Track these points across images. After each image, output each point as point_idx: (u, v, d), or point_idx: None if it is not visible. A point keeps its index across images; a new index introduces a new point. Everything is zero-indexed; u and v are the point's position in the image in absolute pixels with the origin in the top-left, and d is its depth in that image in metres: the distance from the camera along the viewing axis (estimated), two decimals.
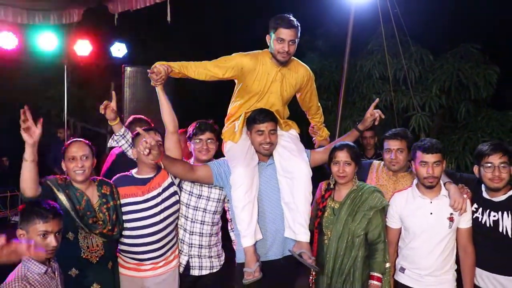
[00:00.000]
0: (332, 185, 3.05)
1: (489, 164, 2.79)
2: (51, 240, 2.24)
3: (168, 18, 4.99)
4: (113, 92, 3.24)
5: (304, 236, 2.91)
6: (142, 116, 3.96)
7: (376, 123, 3.28)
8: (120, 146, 3.21)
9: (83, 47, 6.38)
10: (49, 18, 5.75)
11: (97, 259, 2.83)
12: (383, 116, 3.26)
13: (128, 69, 5.47)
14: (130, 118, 3.98)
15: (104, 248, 2.87)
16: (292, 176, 2.96)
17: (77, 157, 2.81)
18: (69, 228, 2.74)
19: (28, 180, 2.54)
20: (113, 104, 3.14)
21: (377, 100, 3.36)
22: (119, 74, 5.82)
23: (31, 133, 2.51)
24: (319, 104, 3.52)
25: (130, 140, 3.18)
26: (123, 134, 3.18)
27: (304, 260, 2.83)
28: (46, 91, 7.97)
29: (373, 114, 3.24)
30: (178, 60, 3.04)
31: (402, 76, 6.17)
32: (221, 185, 3.08)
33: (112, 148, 3.59)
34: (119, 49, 6.59)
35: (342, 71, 5.07)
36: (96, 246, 2.83)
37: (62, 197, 2.73)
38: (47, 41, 6.02)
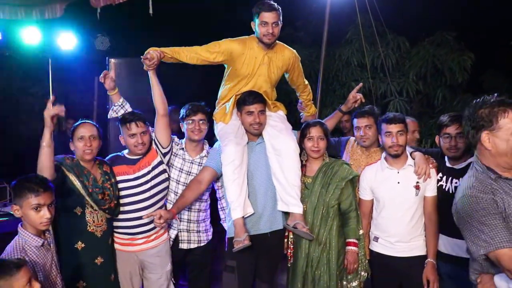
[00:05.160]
0: (304, 161, 3.22)
1: (447, 135, 2.98)
2: (45, 213, 2.33)
3: (150, 11, 5.07)
4: (113, 63, 3.36)
5: (296, 208, 3.09)
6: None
7: (356, 105, 3.55)
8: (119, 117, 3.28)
9: (67, 41, 6.42)
10: (31, 13, 5.76)
11: (101, 233, 3.01)
12: (363, 100, 3.51)
13: (112, 61, 5.54)
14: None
15: (107, 224, 3.06)
16: (281, 153, 3.14)
17: (86, 136, 2.96)
18: (78, 203, 2.92)
19: (46, 166, 2.69)
20: (112, 73, 3.27)
21: (360, 84, 3.67)
22: (103, 67, 5.89)
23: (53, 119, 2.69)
24: (306, 82, 3.72)
25: (129, 109, 3.31)
26: (121, 104, 3.31)
27: (299, 230, 3.01)
28: (30, 86, 7.98)
29: (355, 96, 3.54)
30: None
31: (379, 63, 6.34)
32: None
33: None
34: (102, 42, 6.64)
35: (320, 60, 5.22)
36: (101, 221, 3.01)
37: (72, 177, 2.91)
38: (30, 35, 6.05)
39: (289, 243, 3.19)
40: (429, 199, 3.06)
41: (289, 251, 3.19)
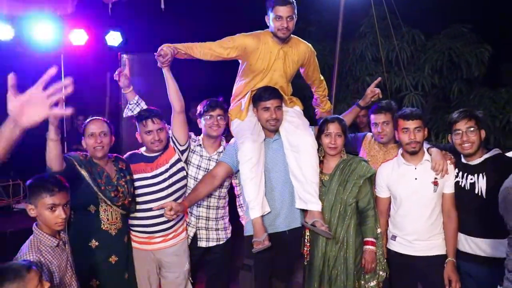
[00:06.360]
0: (321, 158, 3.16)
1: (457, 131, 2.90)
2: (60, 213, 2.29)
3: (162, 6, 5.04)
4: (127, 59, 3.32)
5: (315, 205, 3.04)
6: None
7: (373, 99, 3.50)
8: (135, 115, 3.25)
9: (79, 37, 6.39)
10: (43, 9, 5.76)
11: (116, 231, 2.98)
12: (381, 96, 3.44)
13: (125, 56, 5.51)
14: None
15: (122, 222, 3.03)
16: (299, 149, 3.09)
17: (96, 133, 2.94)
18: (91, 201, 2.89)
19: (53, 157, 2.65)
20: (126, 71, 3.23)
21: (379, 78, 3.62)
22: (115, 62, 5.87)
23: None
24: (322, 78, 3.67)
25: (145, 107, 3.27)
26: (137, 102, 3.29)
27: (317, 228, 2.96)
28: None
29: (373, 91, 3.51)
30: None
31: (394, 57, 6.24)
32: (239, 168, 3.17)
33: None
34: (114, 38, 6.61)
35: (334, 55, 5.15)
36: (116, 219, 2.97)
37: (84, 172, 2.87)
38: (42, 32, 6.03)
39: (306, 241, 3.14)
40: (447, 196, 2.99)
41: (306, 249, 3.14)
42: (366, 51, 6.55)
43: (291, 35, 3.23)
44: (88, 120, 3.03)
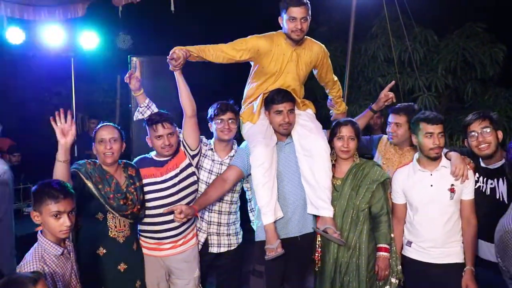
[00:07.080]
0: (333, 161, 3.09)
1: (472, 133, 2.82)
2: (65, 220, 2.24)
3: (172, 8, 5.02)
4: (138, 62, 3.28)
5: (327, 211, 2.97)
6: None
7: (387, 103, 3.45)
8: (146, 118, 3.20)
9: (90, 40, 6.41)
10: (54, 13, 5.78)
11: (124, 239, 2.92)
12: (394, 100, 3.43)
13: (134, 59, 5.48)
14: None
15: (130, 229, 2.97)
16: (311, 154, 3.02)
17: (106, 139, 2.88)
18: (99, 210, 2.84)
19: (60, 179, 2.58)
20: (137, 74, 3.19)
21: (392, 82, 3.55)
22: (125, 66, 5.87)
23: (65, 133, 2.56)
24: (335, 79, 3.60)
25: (155, 110, 3.23)
26: (147, 105, 3.24)
27: (330, 235, 2.90)
28: (53, 86, 8.03)
29: (387, 95, 3.44)
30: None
31: (407, 58, 6.16)
32: (250, 171, 3.11)
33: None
34: (124, 40, 6.62)
35: (346, 56, 5.08)
36: (123, 226, 2.92)
37: (90, 184, 2.81)
38: (53, 35, 6.05)
39: (317, 246, 3.08)
40: (466, 202, 2.89)
41: (317, 255, 3.08)
42: (378, 51, 6.48)
43: (305, 36, 3.17)
44: (98, 126, 2.99)
